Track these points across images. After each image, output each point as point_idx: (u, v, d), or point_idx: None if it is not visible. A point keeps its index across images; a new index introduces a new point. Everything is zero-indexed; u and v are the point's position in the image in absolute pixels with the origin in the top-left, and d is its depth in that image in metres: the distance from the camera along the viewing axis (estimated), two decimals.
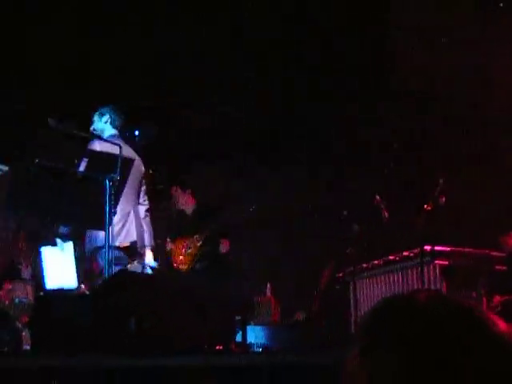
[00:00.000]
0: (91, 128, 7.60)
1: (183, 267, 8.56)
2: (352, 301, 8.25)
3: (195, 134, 10.21)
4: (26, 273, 9.04)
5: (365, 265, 8.44)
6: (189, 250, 8.58)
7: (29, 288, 8.71)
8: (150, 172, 8.83)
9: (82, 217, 6.61)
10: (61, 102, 9.22)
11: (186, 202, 8.91)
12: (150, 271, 8.00)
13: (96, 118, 7.62)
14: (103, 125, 7.60)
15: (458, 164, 9.18)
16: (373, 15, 9.48)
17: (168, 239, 8.85)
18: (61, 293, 7.06)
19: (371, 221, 8.24)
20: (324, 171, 10.41)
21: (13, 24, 9.06)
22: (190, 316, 5.63)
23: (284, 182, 10.53)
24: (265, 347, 7.54)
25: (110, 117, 7.60)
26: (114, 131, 7.62)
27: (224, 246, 8.56)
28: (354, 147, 9.87)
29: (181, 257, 8.61)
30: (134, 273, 7.05)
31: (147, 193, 8.25)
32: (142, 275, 7.18)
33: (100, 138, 7.34)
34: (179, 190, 8.93)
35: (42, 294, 7.01)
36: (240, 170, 10.52)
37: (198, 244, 8.55)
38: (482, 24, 8.99)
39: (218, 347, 5.92)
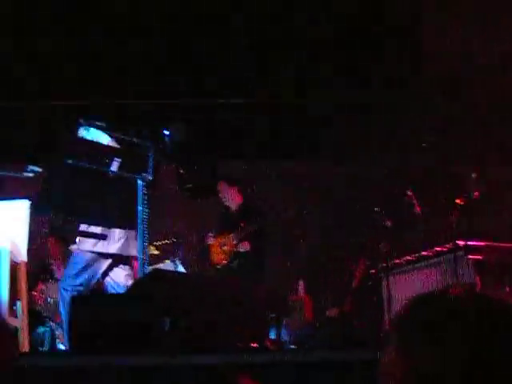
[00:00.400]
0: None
1: (220, 264, 8.59)
2: (385, 297, 8.22)
3: (237, 131, 10.15)
4: (58, 273, 9.11)
5: (397, 261, 8.40)
6: (224, 248, 8.59)
7: None
8: (180, 172, 8.84)
9: (114, 217, 6.64)
10: (92, 100, 9.29)
11: (231, 199, 8.89)
12: (182, 269, 8.04)
13: (83, 132, 7.20)
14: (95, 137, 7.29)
15: (492, 157, 9.11)
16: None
17: (210, 234, 8.88)
18: (94, 292, 7.09)
19: (403, 216, 8.21)
20: (355, 166, 10.38)
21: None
22: (224, 314, 5.63)
23: (313, 178, 10.50)
24: (299, 344, 7.55)
25: (97, 128, 7.21)
26: (108, 139, 7.33)
27: (243, 246, 8.58)
28: (385, 142, 9.82)
29: (218, 253, 8.64)
30: (167, 271, 7.07)
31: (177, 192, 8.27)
32: (176, 274, 7.20)
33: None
34: (225, 186, 8.92)
35: (75, 294, 7.03)
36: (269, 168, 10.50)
37: (234, 242, 8.57)
38: None
39: (252, 345, 5.92)
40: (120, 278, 7.24)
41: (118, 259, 7.20)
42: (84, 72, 9.45)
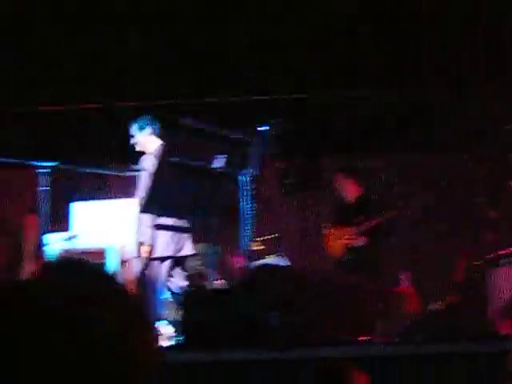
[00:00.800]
0: (132, 142, 7.15)
1: (334, 256, 8.55)
2: (490, 289, 8.10)
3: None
4: None
5: (502, 252, 8.26)
6: (340, 241, 8.53)
7: None
8: (282, 167, 8.87)
9: (218, 213, 6.70)
10: (194, 98, 9.42)
11: (347, 190, 8.79)
12: (286, 263, 8.03)
13: (136, 131, 7.12)
14: (146, 138, 7.09)
15: None
16: None
17: (326, 226, 8.83)
18: (203, 288, 7.19)
19: (507, 207, 8.08)
20: (455, 157, 10.24)
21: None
22: (333, 308, 5.64)
23: (417, 169, 10.37)
24: (404, 337, 7.48)
25: (152, 128, 7.09)
26: (159, 141, 7.11)
27: (359, 240, 8.50)
28: (486, 129, 9.64)
29: (333, 246, 8.59)
30: (275, 266, 7.08)
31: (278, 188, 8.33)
32: (284, 268, 7.20)
33: None
34: (341, 178, 8.83)
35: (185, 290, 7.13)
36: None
37: (350, 236, 8.47)
38: None
39: (361, 338, 5.92)
40: (176, 280, 7.31)
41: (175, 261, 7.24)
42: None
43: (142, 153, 7.12)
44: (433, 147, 10.18)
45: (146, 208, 6.58)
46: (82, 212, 6.90)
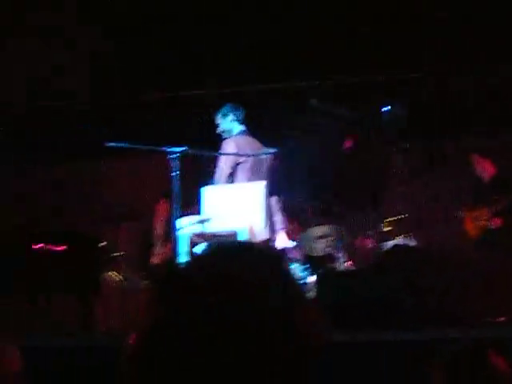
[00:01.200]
0: (219, 130, 7.71)
1: (470, 237, 8.44)
2: None
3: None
4: (293, 252, 9.29)
5: None
6: (477, 222, 8.41)
7: None
8: (405, 148, 8.78)
9: (347, 195, 6.71)
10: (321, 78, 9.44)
11: (483, 170, 8.67)
12: (414, 244, 7.96)
13: (221, 120, 7.73)
14: (230, 124, 7.66)
15: None
16: None
17: (461, 207, 8.72)
18: (333, 270, 7.21)
19: None
20: None
21: None
22: (472, 288, 5.57)
23: None
24: None
25: (234, 114, 7.68)
26: (241, 127, 7.66)
27: (494, 222, 8.34)
28: None
29: (471, 228, 8.48)
30: (405, 247, 7.04)
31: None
32: (414, 249, 7.14)
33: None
34: (478, 158, 8.71)
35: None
36: None
37: (486, 217, 8.33)
38: None
39: (500, 319, 5.83)
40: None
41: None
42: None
43: (225, 138, 7.57)
44: None
45: (274, 191, 6.63)
46: (212, 195, 7.00)
